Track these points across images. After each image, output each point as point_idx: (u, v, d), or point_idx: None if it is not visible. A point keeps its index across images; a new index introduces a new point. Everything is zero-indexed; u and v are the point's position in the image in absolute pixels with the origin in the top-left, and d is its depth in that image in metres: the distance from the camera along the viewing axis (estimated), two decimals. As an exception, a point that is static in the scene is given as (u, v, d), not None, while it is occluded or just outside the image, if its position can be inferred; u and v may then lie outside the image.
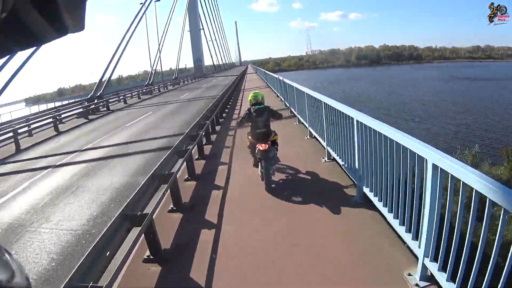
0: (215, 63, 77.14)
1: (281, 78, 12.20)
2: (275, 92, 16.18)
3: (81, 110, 19.16)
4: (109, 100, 21.96)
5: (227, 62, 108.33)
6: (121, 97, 24.01)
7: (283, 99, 12.66)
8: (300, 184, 4.96)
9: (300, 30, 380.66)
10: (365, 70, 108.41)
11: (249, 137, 5.18)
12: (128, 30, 26.04)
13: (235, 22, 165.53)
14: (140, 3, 29.28)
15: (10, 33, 0.40)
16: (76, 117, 19.05)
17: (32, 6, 0.39)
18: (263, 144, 4.71)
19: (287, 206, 4.26)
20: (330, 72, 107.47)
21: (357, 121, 3.75)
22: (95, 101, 21.53)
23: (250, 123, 5.03)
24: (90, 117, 18.89)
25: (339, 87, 58.82)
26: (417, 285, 2.52)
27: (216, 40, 77.45)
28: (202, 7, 61.47)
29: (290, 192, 4.57)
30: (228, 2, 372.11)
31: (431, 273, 2.43)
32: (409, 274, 2.64)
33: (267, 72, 22.81)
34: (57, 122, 16.07)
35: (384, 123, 3.16)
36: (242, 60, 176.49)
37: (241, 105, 14.49)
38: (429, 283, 2.50)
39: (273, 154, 4.96)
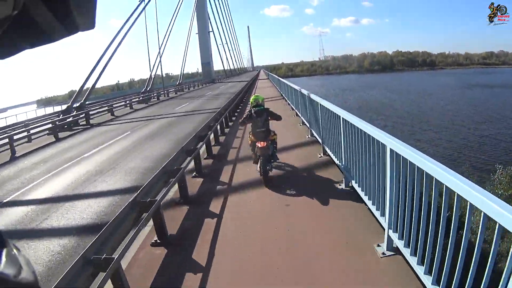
0: (225, 68, 73.28)
1: (305, 92, 8.04)
2: (293, 109, 12.12)
3: (50, 125, 15.38)
4: (91, 112, 18.26)
5: (238, 67, 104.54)
6: (108, 107, 20.18)
7: (305, 123, 8.63)
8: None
9: (312, 36, 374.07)
10: (378, 76, 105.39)
11: (250, 136, 5.66)
12: (120, 31, 22.42)
13: (248, 26, 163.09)
14: (141, 0, 25.77)
15: (20, 30, 0.40)
16: (47, 134, 15.48)
17: (42, 3, 0.39)
18: (262, 142, 5.23)
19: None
20: (343, 78, 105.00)
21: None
22: (74, 112, 17.77)
23: (251, 123, 5.53)
24: (62, 134, 15.30)
25: (353, 94, 55.69)
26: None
27: (227, 43, 73.83)
28: (212, 9, 57.89)
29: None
30: (240, 6, 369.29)
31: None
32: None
33: (281, 79, 18.67)
34: (13, 143, 12.77)
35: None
36: (255, 65, 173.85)
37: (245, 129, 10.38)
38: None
39: (272, 151, 5.51)
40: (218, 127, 8.81)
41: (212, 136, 7.90)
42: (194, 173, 5.88)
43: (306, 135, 8.11)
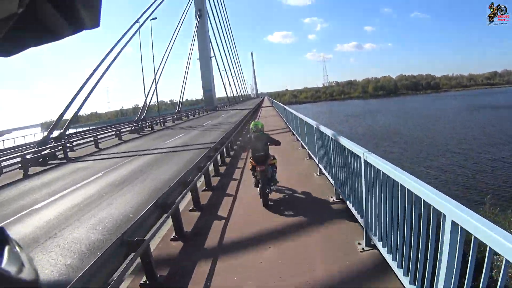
0: (228, 95, 71.75)
1: (329, 133, 5.23)
2: (303, 146, 9.97)
3: (20, 159, 13.37)
4: (72, 145, 16.27)
5: (242, 93, 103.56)
6: (94, 137, 18.13)
7: (324, 172, 6.38)
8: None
9: (316, 62, 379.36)
10: (382, 101, 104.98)
11: (251, 160, 5.75)
12: (107, 56, 20.91)
13: (251, 53, 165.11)
14: (135, 21, 24.57)
15: (26, 28, 0.40)
16: (18, 168, 13.44)
17: (48, 2, 0.39)
18: (261, 166, 5.38)
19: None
20: (347, 104, 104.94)
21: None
22: (52, 143, 15.76)
23: (251, 148, 5.72)
24: (35, 169, 13.31)
25: (358, 120, 54.19)
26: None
27: (230, 70, 72.90)
28: (214, 34, 56.68)
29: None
30: (243, 33, 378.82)
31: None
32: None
33: (287, 108, 16.64)
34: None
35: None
36: (259, 91, 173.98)
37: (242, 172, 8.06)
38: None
39: (271, 175, 5.63)
40: (203, 177, 6.57)
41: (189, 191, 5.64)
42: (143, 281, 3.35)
43: (330, 196, 5.47)
